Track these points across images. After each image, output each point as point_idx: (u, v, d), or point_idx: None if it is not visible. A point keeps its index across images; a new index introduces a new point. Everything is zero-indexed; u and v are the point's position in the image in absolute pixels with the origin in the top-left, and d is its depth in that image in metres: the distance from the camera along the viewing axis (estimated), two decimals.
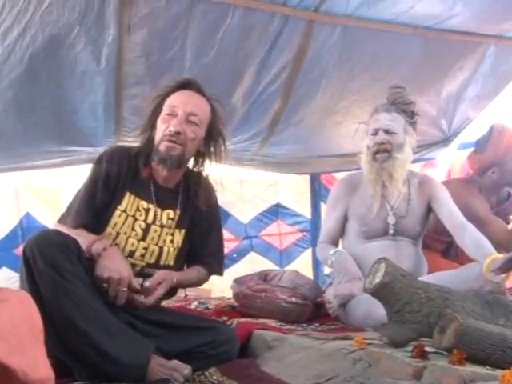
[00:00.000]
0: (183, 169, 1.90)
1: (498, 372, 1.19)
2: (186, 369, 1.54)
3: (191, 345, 1.68)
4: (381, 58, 3.23)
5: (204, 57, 2.91)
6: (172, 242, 1.87)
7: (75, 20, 2.57)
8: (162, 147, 1.80)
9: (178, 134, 1.79)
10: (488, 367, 1.25)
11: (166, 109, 1.84)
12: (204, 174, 1.96)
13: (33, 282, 1.51)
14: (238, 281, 2.55)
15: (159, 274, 1.78)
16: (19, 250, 3.34)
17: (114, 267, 1.62)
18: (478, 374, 1.18)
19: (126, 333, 1.56)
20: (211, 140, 1.92)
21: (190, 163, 1.96)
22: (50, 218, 3.67)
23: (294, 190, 4.45)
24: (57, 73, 2.77)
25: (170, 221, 1.86)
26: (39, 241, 1.54)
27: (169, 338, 1.66)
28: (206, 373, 1.58)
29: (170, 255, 1.86)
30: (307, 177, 4.40)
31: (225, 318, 2.30)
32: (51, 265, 1.50)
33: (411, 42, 3.19)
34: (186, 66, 2.93)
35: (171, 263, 1.87)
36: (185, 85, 1.89)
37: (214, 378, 1.55)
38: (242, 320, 2.24)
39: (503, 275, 2.09)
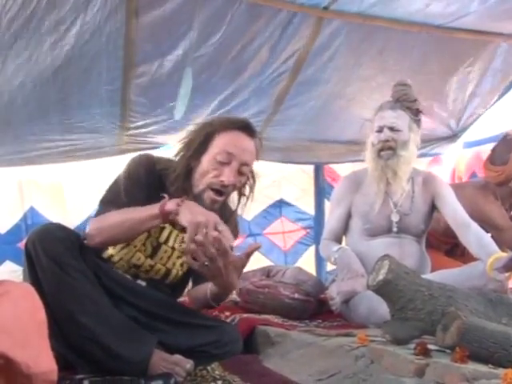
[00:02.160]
0: None
1: (501, 370, 1.19)
2: (188, 363, 1.53)
3: (196, 343, 1.66)
4: (388, 53, 3.24)
5: (211, 39, 2.91)
6: (182, 265, 1.84)
7: (82, 4, 2.55)
8: (207, 197, 1.70)
9: (229, 186, 1.72)
10: (490, 365, 1.25)
11: (220, 153, 1.70)
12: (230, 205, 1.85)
13: (35, 277, 1.51)
14: (241, 276, 2.54)
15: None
16: (23, 244, 3.35)
17: (197, 212, 1.49)
18: (480, 372, 1.18)
19: (128, 327, 1.56)
20: (247, 181, 1.82)
21: None
22: (54, 212, 3.68)
23: (298, 187, 4.42)
24: (62, 59, 2.76)
25: (183, 244, 1.76)
26: (41, 235, 1.53)
27: (173, 333, 1.65)
28: (208, 368, 1.57)
29: (177, 276, 1.85)
30: (311, 174, 4.38)
31: (227, 314, 2.30)
32: (54, 259, 1.49)
33: (419, 39, 3.19)
34: (193, 47, 2.91)
35: (178, 282, 1.87)
36: (241, 127, 1.76)
37: (216, 372, 1.54)
38: (245, 315, 2.24)
39: (507, 274, 2.09)
